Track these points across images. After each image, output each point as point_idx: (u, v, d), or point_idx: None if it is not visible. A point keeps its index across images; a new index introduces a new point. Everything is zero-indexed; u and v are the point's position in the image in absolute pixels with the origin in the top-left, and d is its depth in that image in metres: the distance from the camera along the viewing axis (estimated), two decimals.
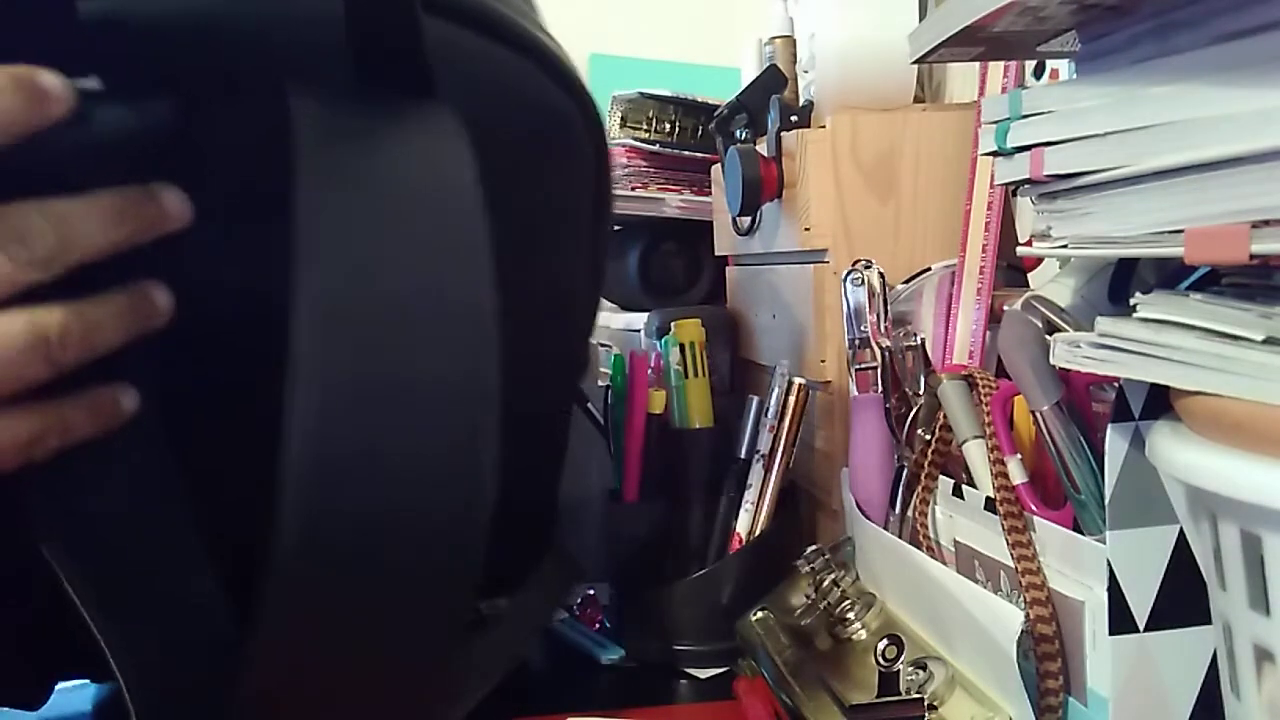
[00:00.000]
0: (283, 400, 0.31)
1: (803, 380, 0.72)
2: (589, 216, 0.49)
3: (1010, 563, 0.48)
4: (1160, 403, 0.39)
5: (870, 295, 0.65)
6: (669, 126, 1.07)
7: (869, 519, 0.63)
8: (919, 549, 0.57)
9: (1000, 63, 0.69)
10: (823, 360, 0.74)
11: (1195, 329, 0.35)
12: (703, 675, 0.70)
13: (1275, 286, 0.34)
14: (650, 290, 1.06)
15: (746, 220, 0.87)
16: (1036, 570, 0.47)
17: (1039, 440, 0.49)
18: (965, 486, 0.55)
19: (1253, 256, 0.32)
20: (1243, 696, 0.36)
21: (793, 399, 0.72)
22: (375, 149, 0.34)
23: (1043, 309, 0.49)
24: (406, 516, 0.32)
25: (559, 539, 0.60)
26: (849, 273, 0.66)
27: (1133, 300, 0.38)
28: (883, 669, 0.52)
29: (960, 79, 0.88)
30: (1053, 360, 0.42)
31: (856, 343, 0.65)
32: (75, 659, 0.50)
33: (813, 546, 0.66)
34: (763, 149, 0.79)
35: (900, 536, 0.60)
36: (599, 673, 0.72)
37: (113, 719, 0.36)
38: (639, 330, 1.00)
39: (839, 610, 0.60)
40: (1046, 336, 0.46)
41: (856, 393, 0.65)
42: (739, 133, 0.81)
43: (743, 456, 0.74)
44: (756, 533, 0.72)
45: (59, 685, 0.54)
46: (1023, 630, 0.45)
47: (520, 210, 0.34)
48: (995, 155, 0.45)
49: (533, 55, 0.42)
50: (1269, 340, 0.32)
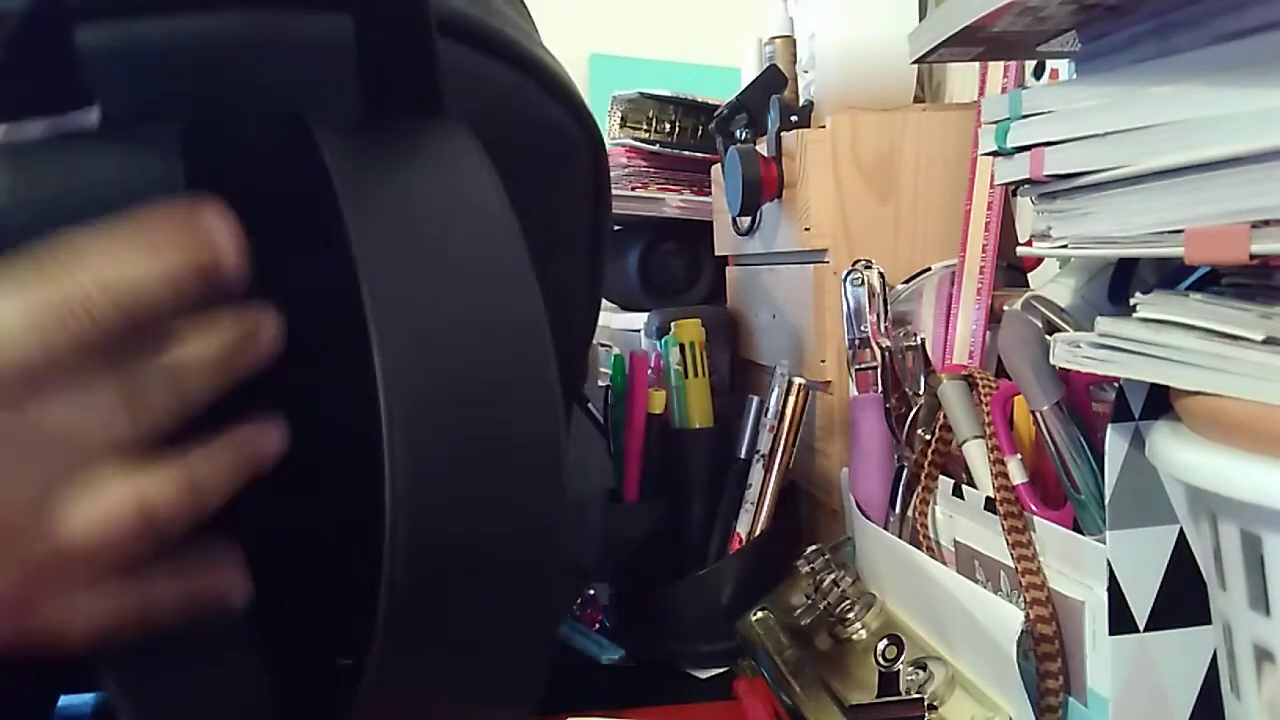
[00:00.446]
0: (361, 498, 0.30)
1: (803, 380, 0.72)
2: (588, 229, 0.49)
3: (1010, 563, 0.48)
4: (1160, 403, 0.39)
5: (870, 295, 0.65)
6: (669, 126, 1.07)
7: (869, 519, 0.63)
8: (919, 549, 0.57)
9: (1000, 63, 0.69)
10: (823, 360, 0.74)
11: (1195, 329, 0.35)
12: (703, 675, 0.70)
13: (1275, 286, 0.34)
14: (650, 290, 1.06)
15: (746, 220, 0.87)
16: (1036, 570, 0.47)
17: (1039, 440, 0.49)
18: (965, 486, 0.55)
19: (1253, 256, 0.32)
20: (1243, 696, 0.36)
21: (793, 399, 0.72)
22: (415, 185, 0.33)
23: (1043, 309, 0.49)
24: (511, 528, 0.32)
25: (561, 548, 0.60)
26: (849, 273, 0.66)
27: (1133, 300, 0.38)
28: (883, 669, 0.52)
29: (960, 79, 0.88)
30: (1053, 360, 0.42)
31: (856, 343, 0.65)
32: (79, 677, 0.49)
33: (813, 546, 0.66)
34: (763, 149, 0.79)
35: (900, 536, 0.60)
36: (599, 673, 0.72)
37: None
38: (639, 330, 1.00)
39: (839, 610, 0.60)
40: (1046, 336, 0.46)
41: (856, 393, 0.65)
42: (739, 133, 0.81)
43: (743, 456, 0.74)
44: (756, 533, 0.72)
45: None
46: (1023, 630, 0.45)
47: (523, 229, 0.34)
48: (995, 155, 0.45)
49: (533, 73, 0.43)
50: (1269, 340, 0.32)
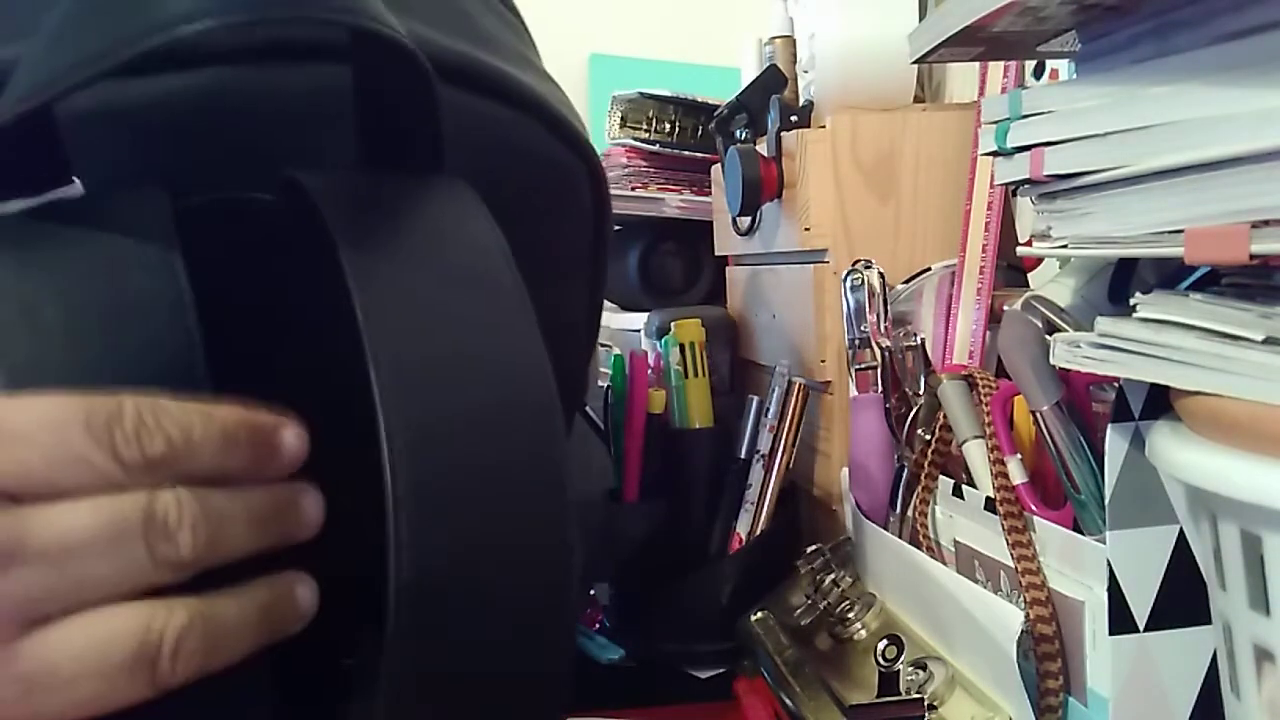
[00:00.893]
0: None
1: (803, 380, 0.72)
2: (588, 258, 0.49)
3: (1010, 563, 0.48)
4: (1160, 403, 0.39)
5: (870, 295, 0.65)
6: (669, 126, 1.07)
7: (869, 519, 0.63)
8: (919, 549, 0.57)
9: (1000, 63, 0.69)
10: (823, 360, 0.74)
11: (1195, 329, 0.35)
12: (703, 675, 0.70)
13: (1275, 286, 0.34)
14: (650, 290, 1.06)
15: (746, 220, 0.87)
16: (1036, 570, 0.47)
17: (1039, 440, 0.49)
18: (965, 486, 0.55)
19: (1253, 256, 0.32)
20: (1243, 696, 0.36)
21: (793, 399, 0.72)
22: (419, 248, 0.32)
23: (1043, 309, 0.49)
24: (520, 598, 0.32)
25: None
26: (849, 273, 0.66)
27: (1133, 300, 0.38)
28: (883, 669, 0.52)
29: (960, 79, 0.88)
30: (1053, 360, 0.42)
31: (856, 343, 0.65)
32: None
33: (813, 546, 0.66)
34: (763, 149, 0.79)
35: (900, 536, 0.60)
36: (599, 673, 0.72)
37: None
38: (639, 330, 1.00)
39: (839, 610, 0.60)
40: (1046, 336, 0.46)
41: (856, 393, 0.65)
42: (739, 133, 0.81)
43: (743, 456, 0.74)
44: (756, 533, 0.72)
45: None
46: (1023, 630, 0.45)
47: (525, 263, 0.34)
48: (995, 155, 0.45)
49: (533, 110, 0.42)
50: (1269, 340, 0.32)
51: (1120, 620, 0.42)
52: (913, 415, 0.60)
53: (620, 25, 1.45)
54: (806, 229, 0.74)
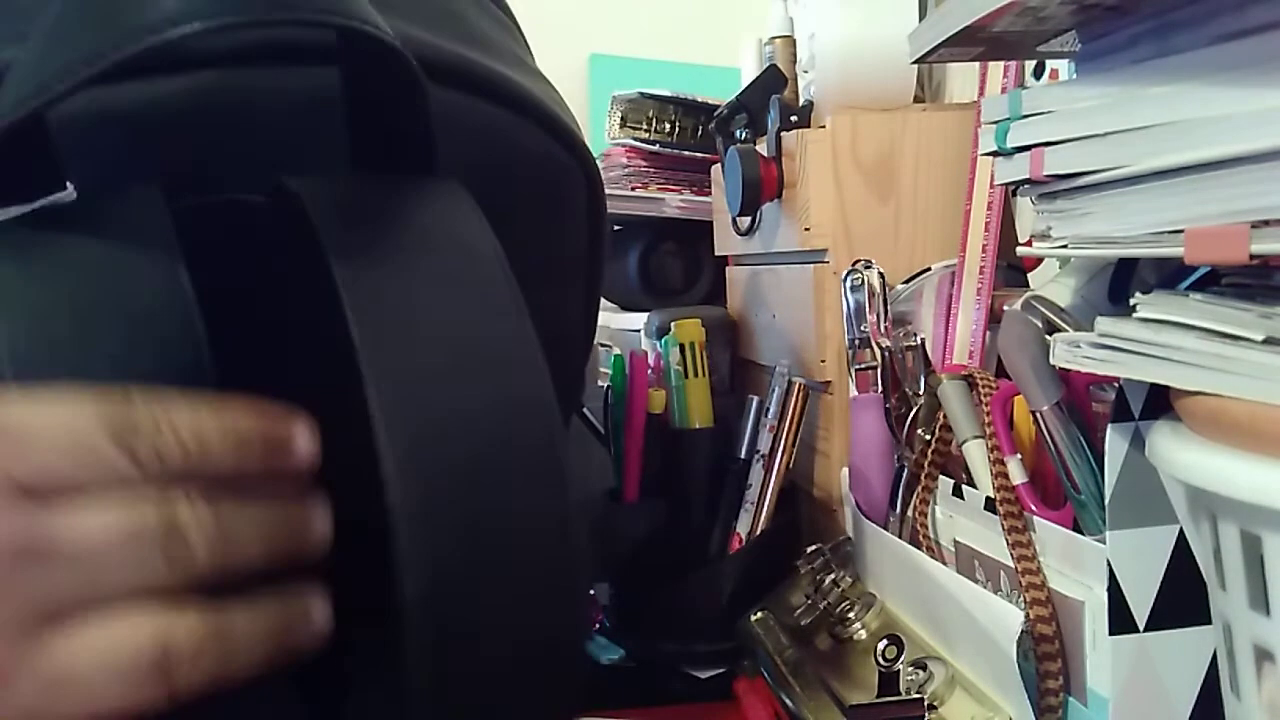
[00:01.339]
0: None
1: (803, 380, 0.72)
2: (584, 260, 0.49)
3: (1010, 563, 0.48)
4: (1160, 403, 0.39)
5: (870, 295, 0.65)
6: (669, 126, 1.07)
7: (869, 519, 0.63)
8: (919, 549, 0.57)
9: (1000, 63, 0.69)
10: (823, 360, 0.74)
11: (1195, 329, 0.35)
12: (703, 675, 0.70)
13: (1275, 286, 0.34)
14: (650, 290, 1.06)
15: (746, 220, 0.87)
16: (1036, 570, 0.47)
17: (1039, 440, 0.49)
18: (965, 486, 0.55)
19: (1253, 256, 0.32)
20: (1243, 696, 0.36)
21: (793, 399, 0.72)
22: (408, 251, 0.32)
23: (1043, 309, 0.49)
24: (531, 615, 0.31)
25: None
26: (849, 273, 0.66)
27: (1133, 300, 0.38)
28: (883, 669, 0.52)
29: (960, 79, 0.88)
30: (1053, 360, 0.42)
31: (856, 343, 0.65)
32: None
33: (813, 546, 0.66)
34: (763, 149, 0.79)
35: (900, 536, 0.60)
36: (599, 673, 0.72)
37: None
38: (639, 330, 1.00)
39: (839, 610, 0.60)
40: (1046, 336, 0.46)
41: (856, 393, 0.65)
42: (739, 133, 0.81)
43: (743, 456, 0.74)
44: (756, 533, 0.72)
45: None
46: (1023, 630, 0.45)
47: (521, 265, 0.34)
48: (995, 155, 0.45)
49: (528, 111, 0.42)
50: (1269, 340, 0.32)
51: (1120, 620, 0.42)
52: (913, 415, 0.60)
53: (620, 25, 1.45)
54: (806, 229, 0.74)
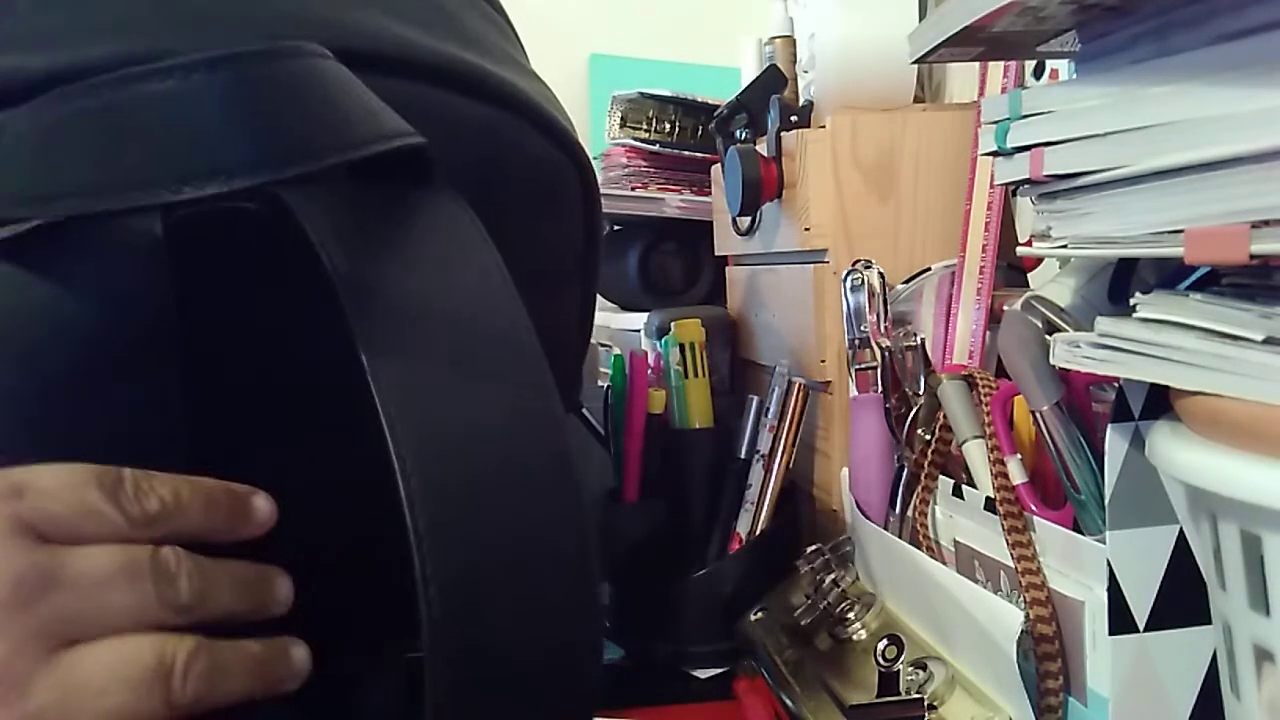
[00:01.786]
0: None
1: (803, 380, 0.72)
2: (581, 258, 0.49)
3: (1010, 563, 0.48)
4: (1160, 403, 0.39)
5: (870, 295, 0.65)
6: (669, 126, 1.07)
7: (869, 519, 0.63)
8: (919, 549, 0.57)
9: (1000, 63, 0.69)
10: (823, 360, 0.74)
11: (1195, 329, 0.35)
12: (703, 675, 0.70)
13: (1275, 286, 0.34)
14: (650, 290, 1.06)
15: (746, 220, 0.87)
16: (1036, 570, 0.47)
17: (1039, 440, 0.49)
18: (965, 486, 0.55)
19: (1253, 256, 0.32)
20: (1243, 696, 0.36)
21: (793, 399, 0.72)
22: (416, 273, 0.33)
23: (1043, 309, 0.49)
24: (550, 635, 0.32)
25: None
26: (849, 273, 0.66)
27: (1133, 300, 0.38)
28: (883, 669, 0.52)
29: (960, 79, 0.88)
30: (1053, 360, 0.42)
31: (856, 343, 0.65)
32: None
33: (813, 546, 0.66)
34: (763, 149, 0.79)
35: (900, 536, 0.60)
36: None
37: None
38: (639, 330, 1.00)
39: (839, 610, 0.60)
40: (1046, 336, 0.46)
41: (856, 393, 0.65)
42: (739, 133, 0.81)
43: (743, 456, 0.74)
44: (756, 533, 0.72)
45: None
46: (1023, 630, 0.45)
47: (516, 265, 0.34)
48: (995, 155, 0.45)
49: (522, 111, 0.42)
50: (1269, 340, 0.32)
51: (1120, 620, 0.42)
52: (913, 415, 0.60)
53: (620, 25, 1.45)
54: (806, 229, 0.74)
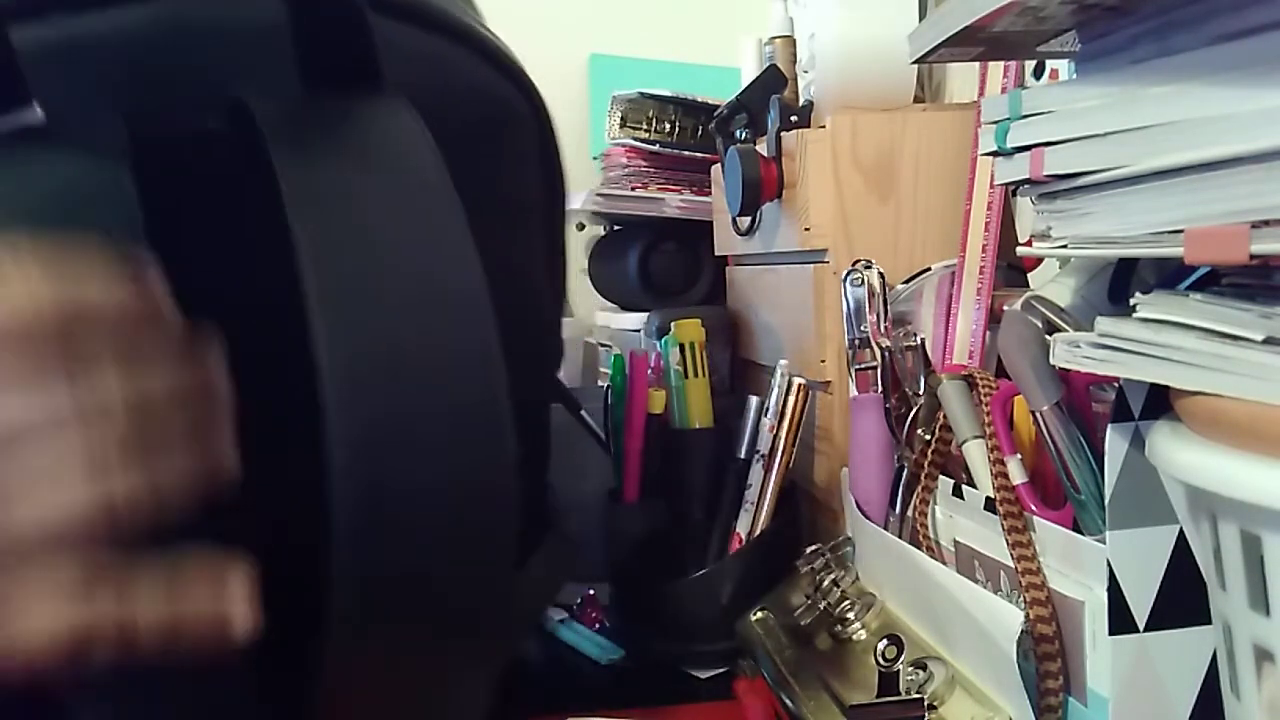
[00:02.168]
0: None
1: (803, 380, 0.72)
2: (542, 203, 0.49)
3: (1010, 563, 0.48)
4: (1160, 403, 0.39)
5: (870, 295, 0.65)
6: (669, 126, 1.07)
7: (869, 519, 0.63)
8: (919, 549, 0.57)
9: (1000, 63, 0.69)
10: (823, 360, 0.74)
11: (1195, 329, 0.35)
12: (703, 675, 0.70)
13: (1275, 286, 0.34)
14: (650, 290, 1.06)
15: (746, 220, 0.87)
16: (1036, 570, 0.47)
17: (1039, 440, 0.49)
18: (965, 486, 0.55)
19: (1253, 256, 0.32)
20: (1243, 696, 0.36)
21: (793, 399, 0.72)
22: (352, 155, 0.34)
23: (1043, 309, 0.49)
24: (455, 483, 0.32)
25: (556, 522, 0.61)
26: (849, 273, 0.66)
27: (1133, 300, 0.38)
28: (883, 669, 0.52)
29: (960, 79, 0.88)
30: (1053, 360, 0.42)
31: (856, 343, 0.65)
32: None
33: (813, 546, 0.66)
34: (763, 149, 0.79)
35: (900, 536, 0.60)
36: (599, 673, 0.72)
37: None
38: (639, 330, 1.00)
39: (839, 610, 0.60)
40: (1046, 336, 0.46)
41: (856, 393, 0.65)
42: (739, 133, 0.81)
43: (743, 456, 0.74)
44: (756, 533, 0.72)
45: None
46: (1023, 630, 0.45)
47: (467, 197, 0.35)
48: (995, 155, 0.45)
49: (469, 42, 0.43)
50: (1269, 340, 0.32)
51: (1120, 620, 0.42)
52: (913, 415, 0.60)
53: (620, 25, 1.45)
54: (806, 229, 0.74)
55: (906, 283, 0.71)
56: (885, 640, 0.52)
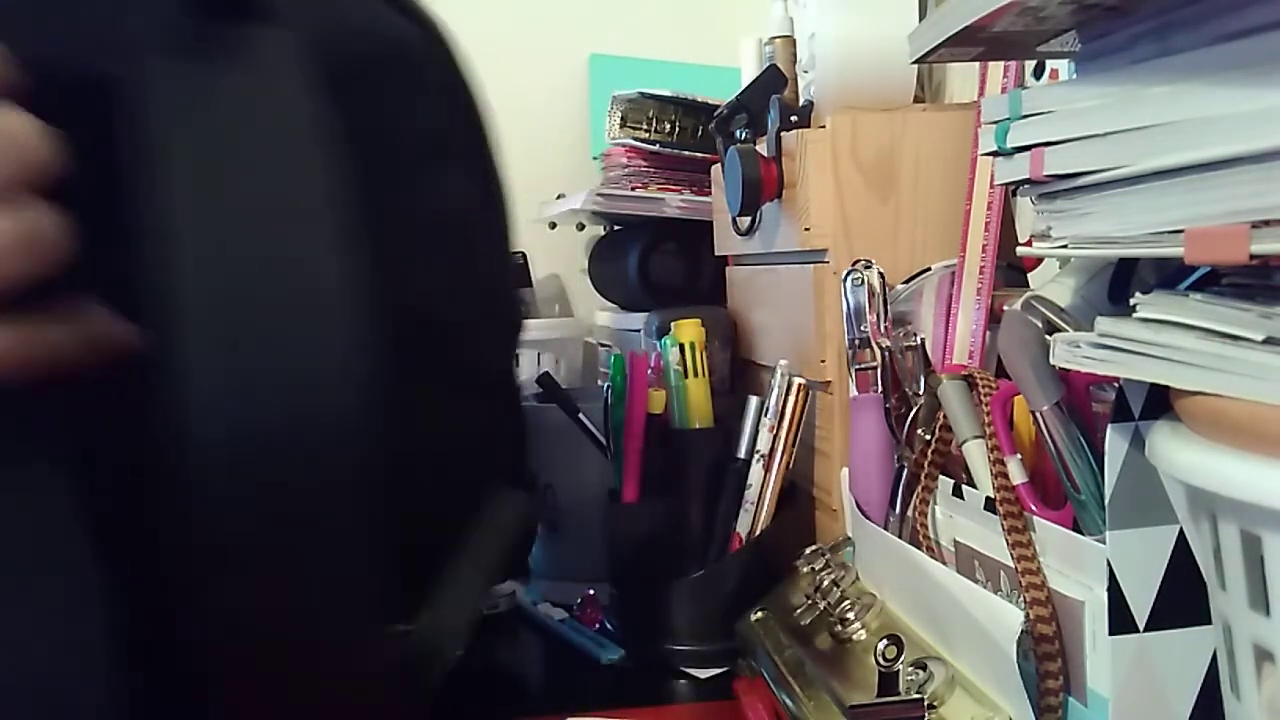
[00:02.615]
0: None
1: (803, 380, 0.72)
2: (464, 139, 0.48)
3: (1010, 563, 0.48)
4: (1160, 403, 0.39)
5: (870, 295, 0.65)
6: (669, 126, 1.07)
7: (869, 519, 0.63)
8: (919, 549, 0.57)
9: (1000, 63, 0.69)
10: (823, 360, 0.74)
11: (1195, 329, 0.35)
12: (703, 675, 0.70)
13: (1275, 286, 0.34)
14: (650, 290, 1.06)
15: (746, 220, 0.87)
16: (1036, 570, 0.47)
17: (1039, 440, 0.49)
18: (965, 486, 0.55)
19: (1253, 256, 0.32)
20: (1243, 696, 0.36)
21: (793, 399, 0.72)
22: (212, 93, 0.33)
23: (1043, 309, 0.49)
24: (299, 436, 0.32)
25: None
26: (849, 273, 0.66)
27: (1133, 300, 0.38)
28: (883, 669, 0.52)
29: (960, 79, 0.88)
30: (1053, 360, 0.42)
31: (856, 343, 0.65)
32: None
33: (813, 546, 0.66)
34: (763, 149, 0.79)
35: (900, 536, 0.60)
36: (599, 673, 0.72)
37: None
38: (639, 330, 1.00)
39: (839, 610, 0.60)
40: (1046, 336, 0.46)
41: (856, 393, 0.65)
42: (739, 133, 0.81)
43: (743, 456, 0.74)
44: (756, 533, 0.72)
45: None
46: (1023, 630, 0.45)
47: (368, 140, 0.34)
48: (995, 155, 0.45)
49: None
50: (1269, 340, 0.32)
51: (1120, 620, 0.42)
52: (913, 415, 0.60)
53: (620, 25, 1.45)
54: (806, 229, 0.74)
55: (906, 283, 0.71)
56: (885, 640, 0.52)
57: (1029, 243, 0.45)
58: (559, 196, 1.25)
